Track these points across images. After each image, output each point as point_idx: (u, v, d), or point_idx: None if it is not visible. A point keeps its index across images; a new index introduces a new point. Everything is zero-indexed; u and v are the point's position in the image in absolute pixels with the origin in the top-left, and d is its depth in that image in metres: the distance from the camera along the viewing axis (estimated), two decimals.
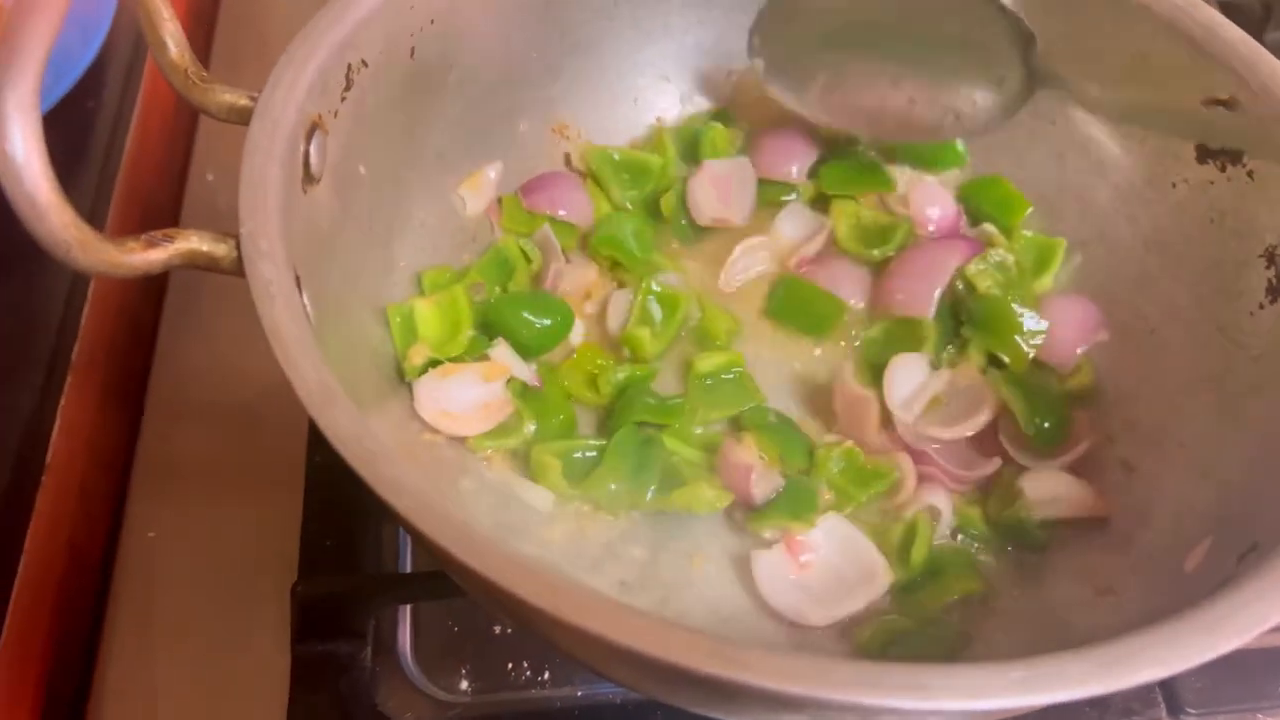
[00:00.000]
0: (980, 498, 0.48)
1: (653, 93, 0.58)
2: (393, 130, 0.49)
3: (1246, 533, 0.38)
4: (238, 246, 0.36)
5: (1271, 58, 0.46)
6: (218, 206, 0.62)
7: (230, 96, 0.41)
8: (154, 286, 0.59)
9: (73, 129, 0.56)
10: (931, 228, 0.54)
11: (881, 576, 0.44)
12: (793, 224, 0.55)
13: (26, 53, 0.30)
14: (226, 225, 0.37)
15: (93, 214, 0.54)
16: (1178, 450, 0.46)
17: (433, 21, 0.49)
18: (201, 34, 0.72)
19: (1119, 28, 0.50)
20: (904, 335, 0.51)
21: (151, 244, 0.35)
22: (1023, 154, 0.55)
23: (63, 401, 0.48)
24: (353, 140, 0.45)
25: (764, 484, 0.46)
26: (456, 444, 0.46)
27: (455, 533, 0.30)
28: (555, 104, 0.56)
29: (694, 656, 0.28)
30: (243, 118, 0.40)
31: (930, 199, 0.55)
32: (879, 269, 0.54)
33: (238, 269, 0.36)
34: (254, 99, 0.40)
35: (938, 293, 0.51)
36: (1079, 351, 0.50)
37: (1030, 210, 0.54)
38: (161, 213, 0.61)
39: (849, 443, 0.48)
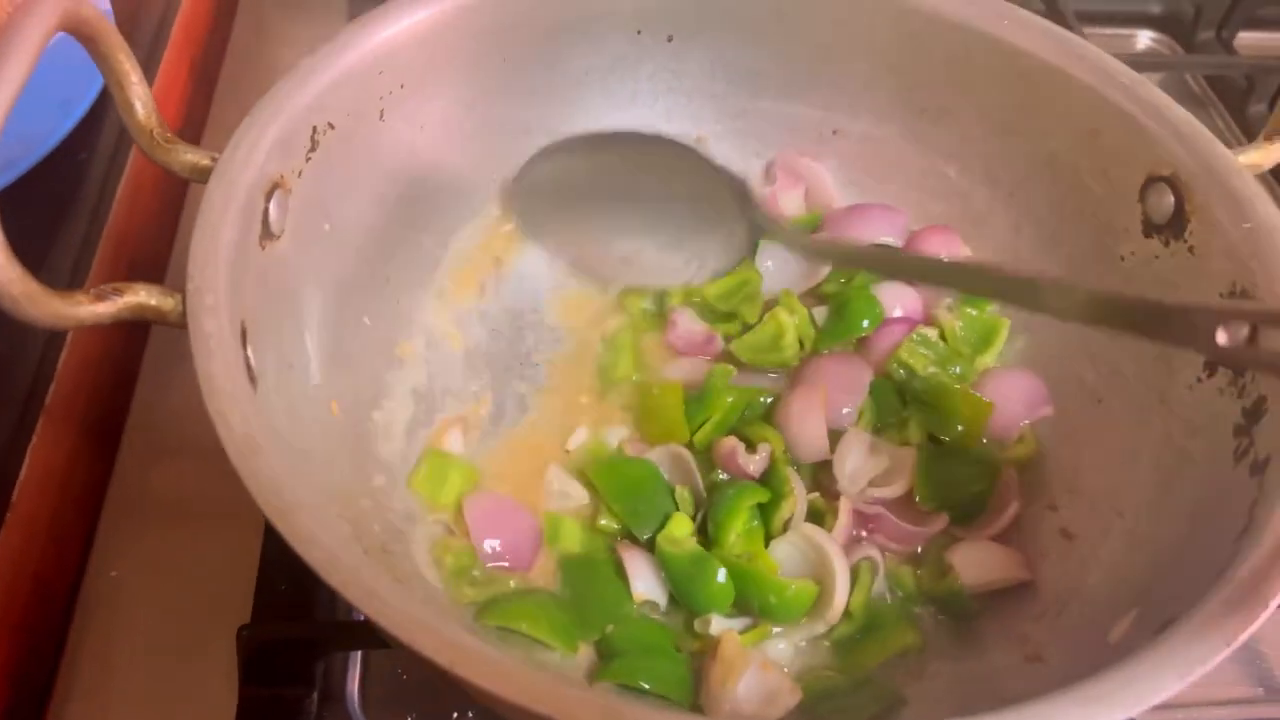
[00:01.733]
0: (912, 560, 0.48)
1: None
2: (360, 188, 0.51)
3: (1167, 606, 0.38)
4: (184, 301, 0.38)
5: (1210, 136, 0.47)
6: None
7: (193, 157, 0.43)
8: (138, 332, 0.61)
9: (64, 179, 0.58)
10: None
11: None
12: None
13: None
14: None
15: (78, 262, 0.56)
16: (1115, 519, 0.46)
17: (403, 86, 0.51)
18: (202, 95, 0.75)
19: (1070, 105, 0.51)
20: None
21: (100, 297, 0.37)
22: (980, 224, 0.56)
23: (34, 442, 0.50)
24: (317, 197, 0.47)
25: None
26: (408, 509, 0.48)
27: (361, 590, 0.31)
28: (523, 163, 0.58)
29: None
30: (205, 177, 0.42)
31: (895, 297, 0.55)
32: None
33: (184, 322, 0.38)
34: (216, 159, 0.42)
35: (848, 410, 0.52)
36: (1021, 425, 0.51)
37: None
38: (150, 264, 0.63)
39: None
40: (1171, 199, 0.48)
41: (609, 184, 0.53)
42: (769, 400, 0.52)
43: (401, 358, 0.52)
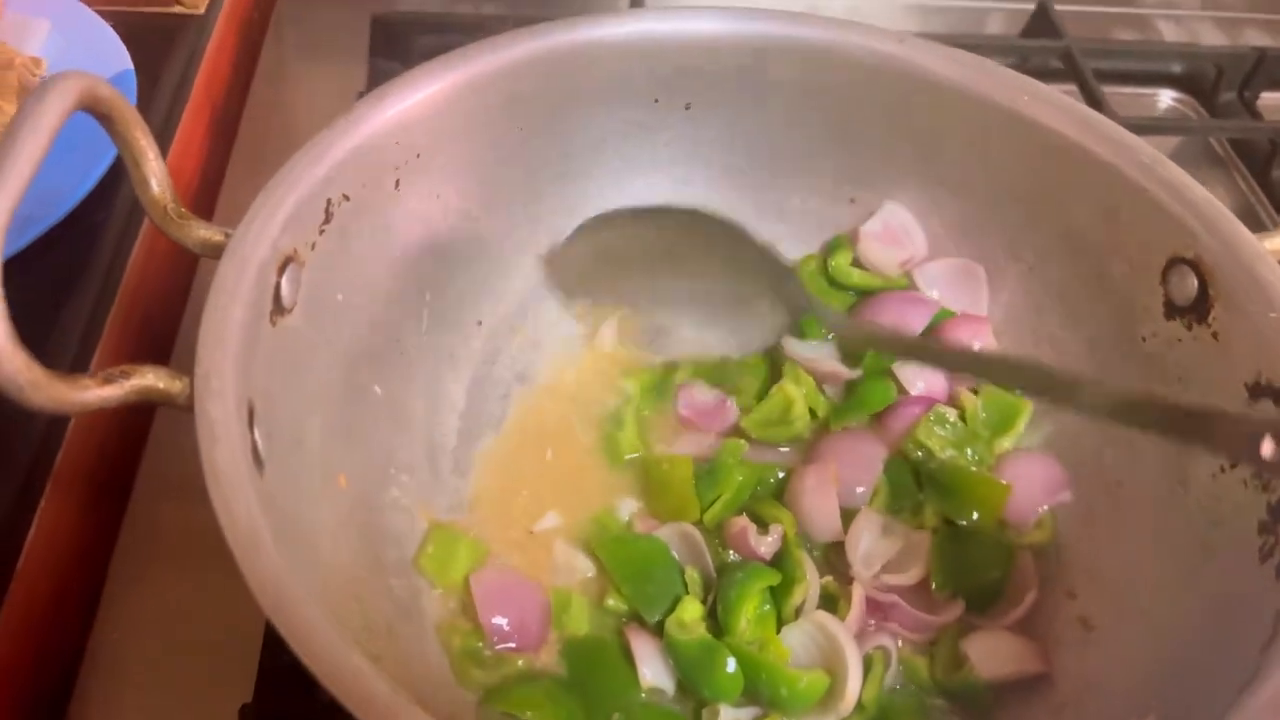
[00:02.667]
0: (925, 650, 0.47)
1: None
2: (374, 257, 0.50)
3: (1188, 714, 0.37)
4: (192, 384, 0.37)
5: (1233, 218, 0.46)
6: None
7: (206, 232, 0.43)
8: None
9: (76, 246, 0.58)
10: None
11: None
12: None
13: None
14: None
15: (87, 334, 0.56)
16: (1135, 611, 0.45)
17: (418, 156, 0.51)
18: (221, 148, 0.75)
19: (1089, 182, 0.51)
20: None
21: (107, 380, 0.37)
22: (999, 299, 0.56)
23: (42, 506, 0.50)
24: (331, 269, 0.47)
25: None
26: (415, 586, 0.47)
27: (355, 693, 0.30)
28: (541, 233, 0.58)
29: None
30: (218, 253, 0.42)
31: (917, 374, 0.55)
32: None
33: (191, 405, 0.37)
34: (228, 235, 0.42)
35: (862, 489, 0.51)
36: (1040, 510, 0.50)
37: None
38: (161, 336, 0.63)
39: None
40: (1195, 282, 0.47)
41: (651, 256, 0.52)
42: (781, 476, 0.52)
43: (411, 427, 0.52)
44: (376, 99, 0.49)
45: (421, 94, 0.50)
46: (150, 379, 0.38)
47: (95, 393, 0.36)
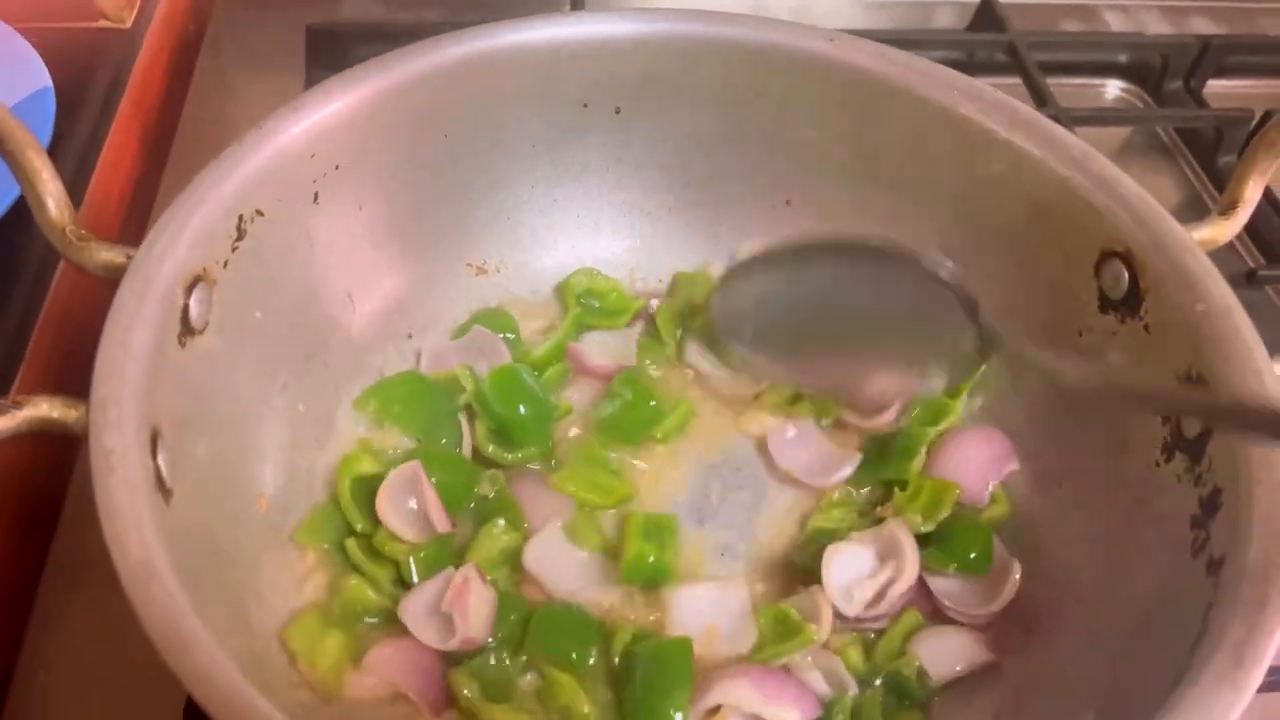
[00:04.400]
0: (864, 641, 0.47)
1: (572, 230, 0.59)
2: (293, 273, 0.49)
3: (1126, 710, 0.37)
4: (88, 413, 0.36)
5: (1163, 211, 0.46)
6: None
7: (108, 254, 0.42)
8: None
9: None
10: None
11: None
12: None
13: None
14: None
15: (11, 353, 0.54)
16: (1074, 606, 0.45)
17: (338, 167, 0.50)
18: (155, 164, 0.74)
19: (1022, 177, 0.50)
20: None
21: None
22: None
23: None
24: (246, 287, 0.46)
25: None
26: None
27: None
28: (473, 240, 0.57)
29: None
30: (120, 275, 0.41)
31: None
32: None
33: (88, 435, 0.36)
34: (130, 257, 0.41)
35: None
36: (991, 485, 0.50)
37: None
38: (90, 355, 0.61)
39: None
40: (1126, 276, 0.46)
41: (817, 297, 0.51)
42: None
43: (332, 445, 0.51)
44: (290, 111, 0.48)
45: (339, 103, 0.49)
46: (44, 409, 0.36)
47: None
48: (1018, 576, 0.47)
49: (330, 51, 0.78)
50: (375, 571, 0.46)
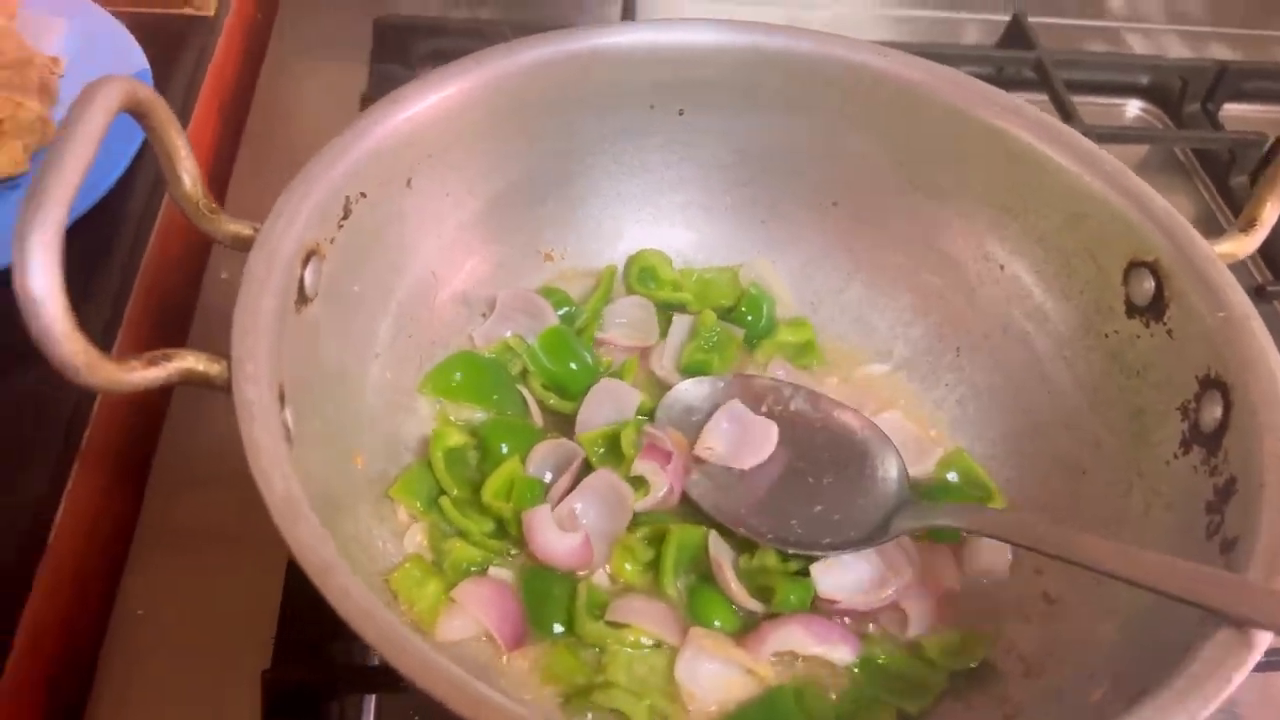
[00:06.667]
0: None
1: (633, 223, 0.63)
2: (388, 250, 0.53)
3: (1141, 677, 0.41)
4: (229, 368, 0.40)
5: (1188, 226, 0.50)
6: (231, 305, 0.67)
7: (235, 226, 0.46)
8: None
9: (101, 232, 0.61)
10: None
11: None
12: None
13: (53, 198, 0.35)
14: None
15: (114, 310, 0.58)
16: (1093, 585, 0.49)
17: (430, 156, 0.54)
18: (230, 137, 0.78)
19: (1056, 189, 0.54)
20: None
21: (152, 363, 0.39)
22: (973, 296, 0.59)
23: (69, 486, 0.52)
24: (349, 261, 0.50)
25: None
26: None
27: (394, 644, 0.33)
28: (543, 229, 0.61)
29: None
30: (247, 246, 0.45)
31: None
32: None
33: (229, 387, 0.40)
34: (257, 229, 0.45)
35: None
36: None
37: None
38: (176, 320, 0.65)
39: None
40: (1152, 284, 0.51)
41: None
42: None
43: (417, 411, 0.55)
44: (391, 103, 0.52)
45: (434, 98, 0.53)
46: (191, 362, 0.40)
47: (141, 374, 0.39)
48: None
49: (393, 44, 0.82)
50: (470, 527, 0.50)
